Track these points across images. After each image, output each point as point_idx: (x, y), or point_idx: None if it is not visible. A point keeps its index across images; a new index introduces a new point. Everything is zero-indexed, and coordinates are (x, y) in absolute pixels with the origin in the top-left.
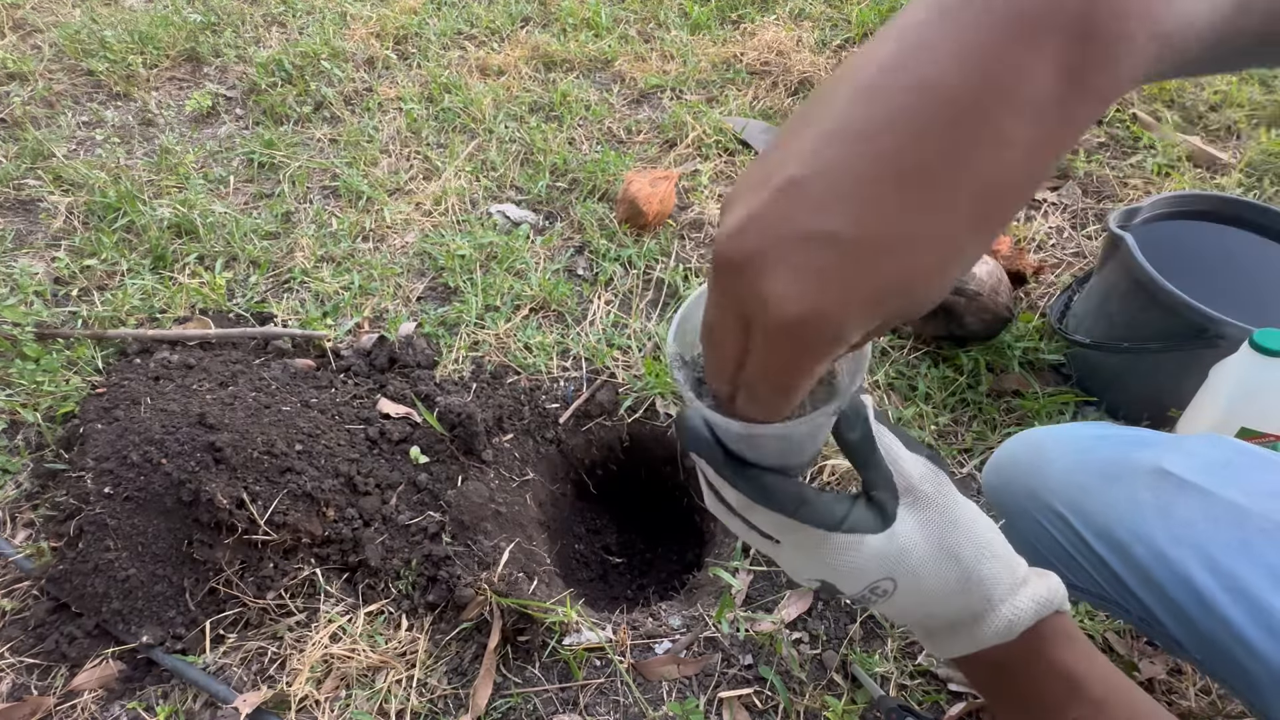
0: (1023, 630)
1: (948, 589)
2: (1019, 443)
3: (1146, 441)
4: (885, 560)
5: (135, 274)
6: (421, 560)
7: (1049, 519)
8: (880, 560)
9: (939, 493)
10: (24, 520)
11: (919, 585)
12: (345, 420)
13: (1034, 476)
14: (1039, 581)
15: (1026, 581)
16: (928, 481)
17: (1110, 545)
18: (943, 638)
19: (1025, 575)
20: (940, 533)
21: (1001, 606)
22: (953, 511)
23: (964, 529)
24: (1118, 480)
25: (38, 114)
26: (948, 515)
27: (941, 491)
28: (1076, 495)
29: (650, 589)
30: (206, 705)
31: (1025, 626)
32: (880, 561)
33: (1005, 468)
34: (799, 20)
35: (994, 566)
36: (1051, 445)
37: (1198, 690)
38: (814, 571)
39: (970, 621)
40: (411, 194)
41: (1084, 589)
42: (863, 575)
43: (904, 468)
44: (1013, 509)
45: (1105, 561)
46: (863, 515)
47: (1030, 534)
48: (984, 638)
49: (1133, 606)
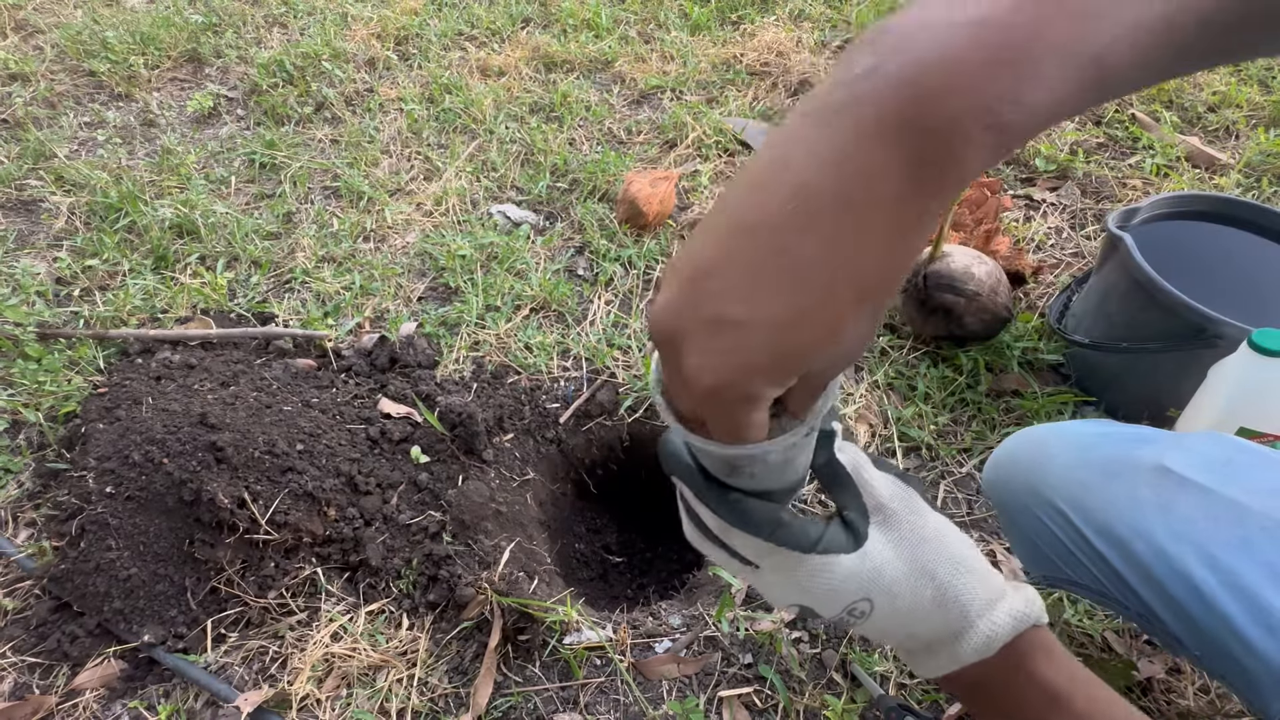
0: (1001, 645)
1: (924, 606)
2: (1020, 440)
3: (1147, 439)
4: (859, 580)
5: (137, 274)
6: (422, 559)
7: (1049, 515)
8: (855, 580)
9: (909, 509)
10: (26, 520)
11: (895, 604)
12: (346, 420)
13: (1035, 473)
14: (1016, 595)
15: (1003, 595)
16: (897, 499)
17: (1110, 542)
18: (924, 657)
19: (1002, 589)
20: (912, 549)
21: (979, 622)
22: (923, 528)
23: (934, 544)
24: (1118, 477)
25: (39, 114)
26: (918, 531)
27: (911, 508)
28: (1077, 492)
29: (650, 588)
30: (208, 704)
31: (1003, 641)
32: (855, 582)
33: (1006, 465)
34: (799, 21)
35: (969, 581)
36: (1053, 442)
37: (1196, 689)
38: (792, 596)
39: (949, 639)
40: (412, 194)
41: (1084, 585)
42: (838, 597)
43: (873, 487)
44: (1013, 505)
45: (1105, 558)
46: (836, 536)
47: (1030, 530)
48: (963, 655)
49: (1132, 603)
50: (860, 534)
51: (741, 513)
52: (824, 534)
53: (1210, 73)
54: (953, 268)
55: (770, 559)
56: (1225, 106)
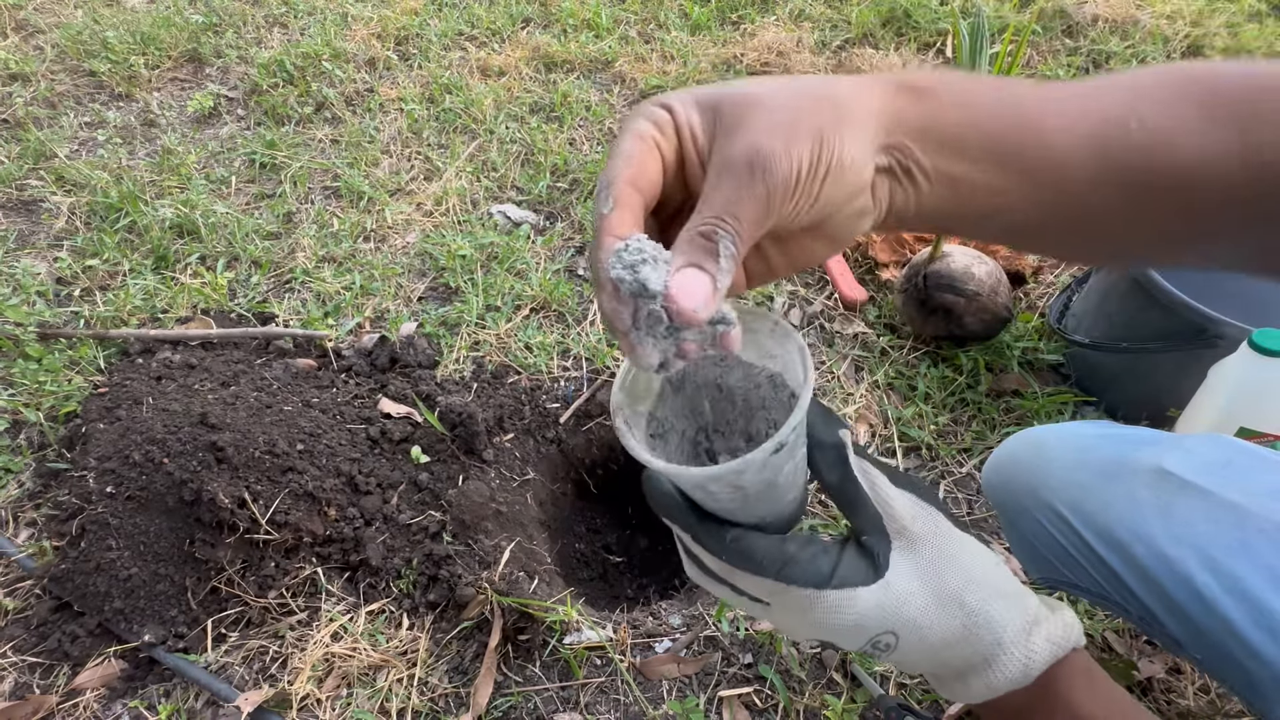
0: (1039, 674)
1: (954, 635)
2: (1019, 441)
3: (1147, 440)
4: (883, 613)
5: (137, 274)
6: (422, 559)
7: (1049, 518)
8: (878, 613)
9: (934, 532)
10: (26, 519)
11: (922, 636)
12: (346, 420)
13: (1034, 475)
14: (1053, 619)
15: (1039, 621)
16: (920, 520)
17: (1110, 544)
18: (956, 685)
19: (1036, 614)
20: (939, 577)
21: (1014, 649)
22: (950, 551)
23: (963, 569)
24: (1117, 479)
25: (40, 114)
26: (945, 555)
27: (937, 530)
28: (1076, 494)
29: (650, 588)
30: (208, 704)
31: (1041, 670)
32: (878, 614)
33: (1005, 466)
34: (799, 21)
35: (1001, 607)
36: (1052, 444)
37: (1197, 689)
38: (810, 632)
39: (981, 666)
40: (412, 194)
41: (1084, 588)
42: (861, 632)
43: (894, 508)
44: (1013, 507)
45: (1105, 561)
46: (853, 566)
47: (1030, 533)
48: (998, 684)
49: (1132, 606)
50: (881, 562)
51: (742, 551)
52: (838, 565)
53: None
54: (953, 268)
55: (782, 598)
56: None
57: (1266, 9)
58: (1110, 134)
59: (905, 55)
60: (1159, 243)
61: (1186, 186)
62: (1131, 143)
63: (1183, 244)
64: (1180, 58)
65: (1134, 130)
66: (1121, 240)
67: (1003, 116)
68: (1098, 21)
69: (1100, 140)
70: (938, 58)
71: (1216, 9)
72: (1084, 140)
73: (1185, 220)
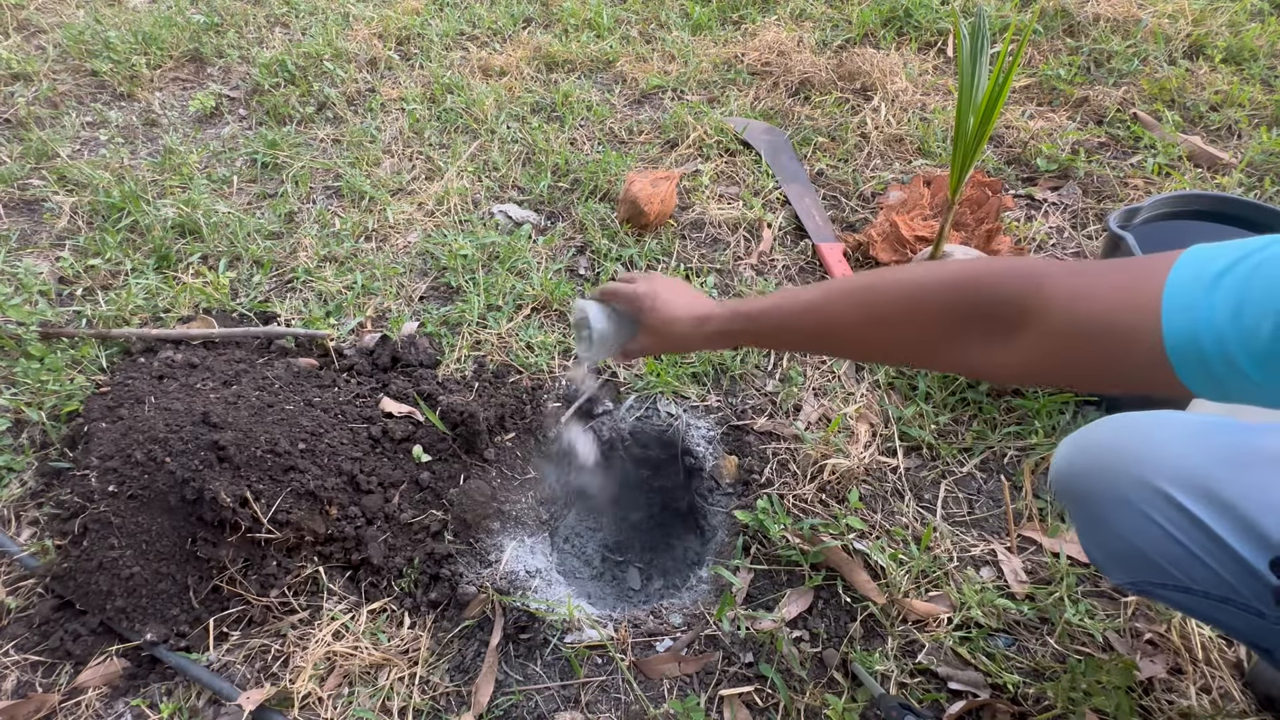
0: None
1: None
2: (1109, 428)
3: (1254, 429)
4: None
5: (139, 273)
6: (424, 558)
7: (1155, 505)
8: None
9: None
10: (29, 518)
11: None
12: (348, 419)
13: (1139, 460)
14: None
15: None
16: None
17: (1234, 521)
18: None
19: None
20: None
21: None
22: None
23: None
24: (1249, 467)
25: (42, 114)
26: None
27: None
28: (1201, 480)
29: (651, 587)
30: (210, 702)
31: None
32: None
33: (1096, 453)
34: (800, 21)
35: None
36: (1158, 431)
37: (1198, 689)
38: None
39: None
40: (414, 194)
41: (1178, 588)
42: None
43: None
44: (1104, 497)
45: (1224, 543)
46: None
47: (1127, 527)
48: None
49: (1246, 589)
50: None
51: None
52: None
53: (1212, 71)
54: None
55: None
56: (1227, 106)
57: (1268, 8)
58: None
59: (906, 55)
60: (887, 354)
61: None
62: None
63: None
64: (1182, 57)
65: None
66: (865, 350)
67: None
68: (1099, 21)
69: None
70: (938, 57)
71: (1218, 8)
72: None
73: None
